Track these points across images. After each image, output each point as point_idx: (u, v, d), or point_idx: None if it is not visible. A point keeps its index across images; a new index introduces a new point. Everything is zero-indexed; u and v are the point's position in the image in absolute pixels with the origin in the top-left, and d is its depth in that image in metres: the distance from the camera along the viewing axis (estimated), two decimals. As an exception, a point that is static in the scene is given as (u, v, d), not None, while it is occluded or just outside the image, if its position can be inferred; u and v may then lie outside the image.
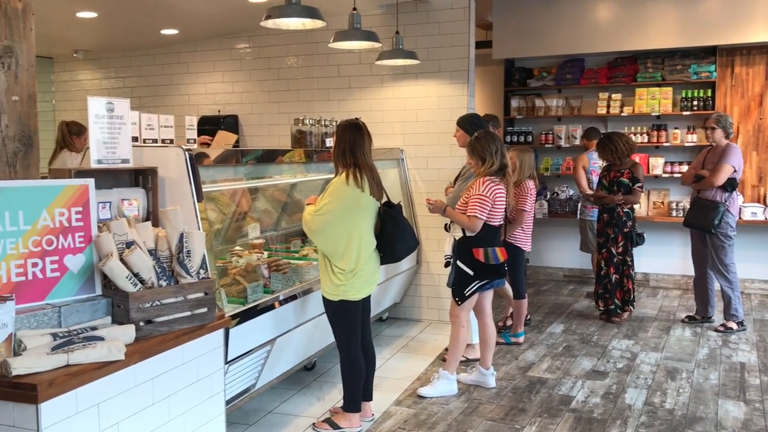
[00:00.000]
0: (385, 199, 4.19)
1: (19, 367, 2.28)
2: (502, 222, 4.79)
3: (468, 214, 4.53)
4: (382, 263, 4.20)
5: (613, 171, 6.63)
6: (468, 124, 5.39)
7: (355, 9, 5.22)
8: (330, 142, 5.35)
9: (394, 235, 4.09)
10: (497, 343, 5.40)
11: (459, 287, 4.68)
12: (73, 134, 6.05)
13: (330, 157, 4.14)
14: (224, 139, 5.59)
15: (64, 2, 6.03)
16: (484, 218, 4.53)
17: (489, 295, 4.92)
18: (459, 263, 4.65)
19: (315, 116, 5.69)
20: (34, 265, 2.68)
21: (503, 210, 4.72)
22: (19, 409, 2.25)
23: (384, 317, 6.72)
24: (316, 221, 3.90)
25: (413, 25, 6.71)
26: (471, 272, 4.61)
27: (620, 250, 6.61)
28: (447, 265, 4.84)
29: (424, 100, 6.77)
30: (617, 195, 6.52)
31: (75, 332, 2.56)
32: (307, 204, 4.11)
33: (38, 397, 2.22)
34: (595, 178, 7.51)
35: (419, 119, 6.80)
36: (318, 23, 4.41)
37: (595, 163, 7.60)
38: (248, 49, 7.61)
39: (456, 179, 5.46)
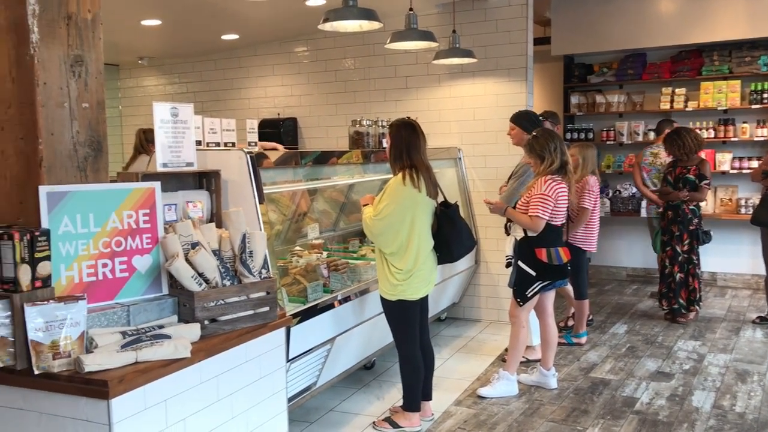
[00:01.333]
0: (441, 199, 4.18)
1: (91, 363, 2.37)
2: (564, 221, 4.72)
3: (530, 214, 4.48)
4: (439, 263, 4.19)
5: (679, 167, 6.45)
6: (523, 120, 5.33)
7: (411, 9, 5.23)
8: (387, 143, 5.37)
9: (451, 235, 4.08)
10: (559, 344, 5.32)
11: (520, 288, 4.63)
12: (149, 141, 6.28)
13: (386, 157, 4.15)
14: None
15: (129, 11, 6.24)
16: (546, 218, 4.47)
17: (551, 296, 4.86)
18: (521, 264, 4.60)
19: (372, 117, 5.73)
20: (104, 265, 2.79)
21: (566, 209, 4.65)
22: (92, 405, 2.34)
23: (442, 317, 6.70)
24: (378, 225, 3.92)
25: (470, 24, 6.68)
26: (533, 273, 4.56)
27: (686, 248, 6.43)
28: (508, 265, 4.79)
29: (481, 99, 6.73)
30: (682, 191, 6.33)
31: (143, 330, 2.64)
32: (363, 205, 4.13)
33: (109, 393, 2.30)
34: (645, 174, 7.32)
35: (477, 118, 6.76)
36: (375, 25, 4.43)
37: (646, 159, 7.40)
38: (306, 52, 7.70)
39: (510, 177, 5.40)
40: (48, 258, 2.51)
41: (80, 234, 2.71)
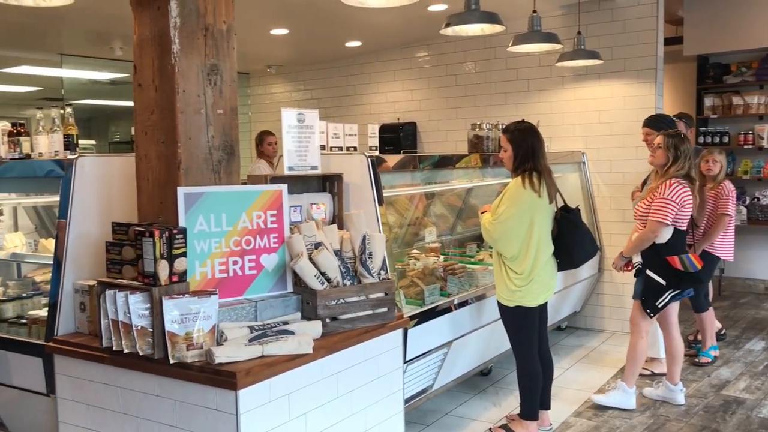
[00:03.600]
0: (561, 203, 4.09)
1: (221, 355, 2.50)
2: (687, 229, 4.47)
3: (652, 218, 4.28)
4: (559, 269, 4.10)
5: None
6: (660, 123, 5.11)
7: (535, 11, 5.15)
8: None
9: (572, 241, 3.98)
10: (689, 357, 5.05)
11: (650, 299, 4.42)
12: (259, 143, 6.90)
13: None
14: None
15: (259, 21, 6.53)
16: (669, 223, 4.26)
17: (675, 307, 4.63)
18: (649, 273, 4.40)
19: (492, 121, 5.68)
20: (235, 263, 2.94)
21: (690, 216, 4.41)
22: (221, 395, 2.48)
23: (563, 326, 6.53)
24: (497, 229, 3.88)
25: (596, 24, 6.48)
26: (663, 282, 4.35)
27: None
28: (637, 273, 4.56)
29: (607, 101, 6.51)
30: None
31: (269, 326, 2.76)
32: (482, 213, 4.10)
33: (237, 384, 2.42)
34: None
35: (602, 121, 6.54)
36: (497, 28, 4.40)
37: None
38: (427, 57, 7.75)
39: (644, 183, 5.18)
40: (184, 254, 2.68)
41: (213, 233, 2.88)
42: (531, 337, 4.03)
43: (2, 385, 3.38)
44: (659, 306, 4.40)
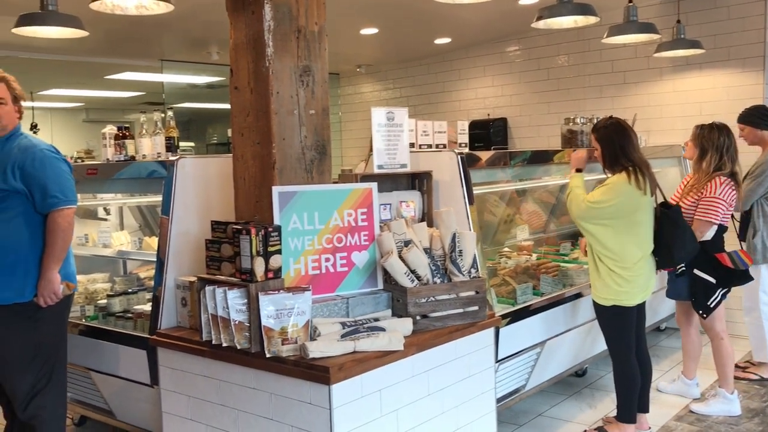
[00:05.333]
0: (661, 199, 3.93)
1: (315, 350, 2.55)
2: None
3: (701, 218, 4.20)
4: (658, 268, 3.94)
5: None
6: (753, 116, 4.83)
7: (631, 1, 4.97)
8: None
9: (673, 238, 3.82)
10: None
11: (701, 299, 4.28)
12: None
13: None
14: None
15: (349, 21, 6.61)
16: (719, 222, 4.21)
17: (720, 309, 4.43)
18: (697, 272, 4.24)
19: (586, 115, 5.52)
20: (327, 260, 3.00)
21: (731, 215, 4.39)
22: (315, 389, 2.53)
23: (662, 327, 6.28)
24: (589, 211, 3.71)
25: (697, 12, 6.19)
26: (713, 280, 4.19)
27: None
28: (681, 273, 4.34)
29: (709, 92, 6.21)
30: None
31: (360, 322, 2.80)
32: (576, 169, 3.96)
33: (330, 379, 2.47)
34: None
35: (704, 113, 6.24)
36: (591, 19, 4.28)
37: None
38: (518, 51, 7.63)
39: (745, 176, 4.91)
40: (279, 252, 2.76)
41: (306, 230, 2.94)
42: (628, 338, 3.90)
43: (111, 375, 3.58)
44: (711, 306, 4.27)
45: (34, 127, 10.66)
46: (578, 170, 3.99)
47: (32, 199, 3.12)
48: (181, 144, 3.96)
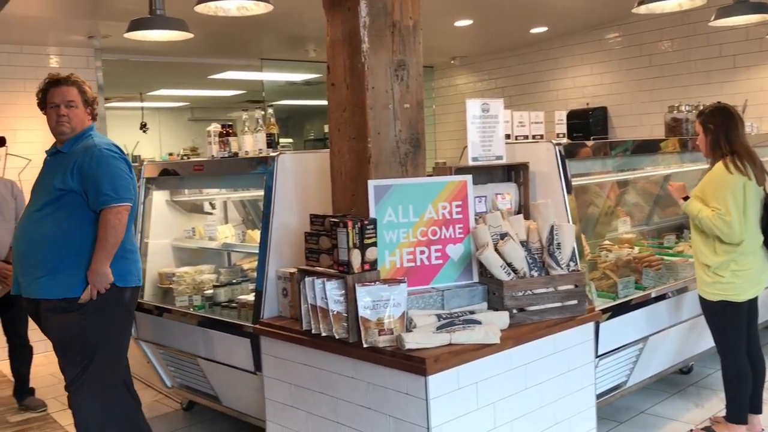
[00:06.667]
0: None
1: (411, 341, 2.58)
2: None
3: None
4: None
5: None
6: None
7: (740, -20, 4.71)
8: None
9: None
10: None
11: None
12: None
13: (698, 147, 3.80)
14: None
15: (444, 13, 6.59)
16: None
17: None
18: None
19: (692, 102, 5.29)
20: (422, 252, 3.02)
21: None
22: (411, 380, 2.56)
23: (776, 324, 5.94)
24: (734, 226, 3.51)
25: (815, -12, 5.79)
26: None
27: None
28: None
29: (829, 74, 5.81)
30: None
31: (456, 315, 2.80)
32: (683, 198, 3.78)
33: (426, 370, 2.49)
34: None
35: (824, 97, 5.85)
36: (697, 2, 4.10)
37: None
38: (618, 37, 7.39)
39: None
40: (375, 244, 2.80)
41: (401, 223, 2.98)
42: (738, 335, 3.71)
43: (216, 362, 3.75)
44: None
45: (143, 127, 11.26)
46: (685, 198, 3.77)
47: (86, 198, 3.17)
48: (280, 140, 4.08)
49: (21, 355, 4.71)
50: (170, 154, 11.07)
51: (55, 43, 6.36)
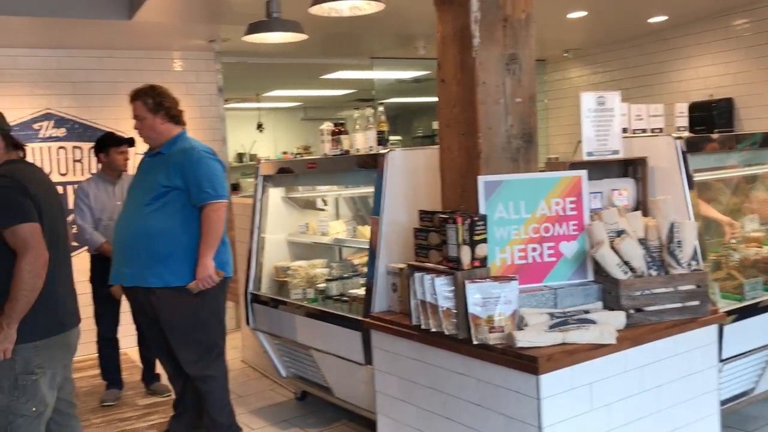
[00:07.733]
0: None
1: (522, 339, 2.55)
2: None
3: None
4: None
5: None
6: None
7: None
8: None
9: None
10: None
11: None
12: None
13: None
14: None
15: (557, 6, 6.43)
16: None
17: None
18: None
19: (831, 91, 4.90)
20: (533, 250, 2.97)
21: None
22: (522, 378, 2.52)
23: None
24: None
25: None
26: None
27: None
28: None
29: None
30: None
31: (569, 314, 2.74)
32: None
33: (539, 369, 2.45)
34: None
35: None
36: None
37: None
38: (746, 24, 6.94)
39: None
40: (485, 241, 2.78)
41: (512, 219, 2.94)
42: None
43: (329, 354, 3.84)
44: None
45: (259, 127, 11.68)
46: None
47: (189, 194, 3.48)
48: (390, 138, 4.13)
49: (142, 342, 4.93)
50: (284, 153, 11.46)
51: (179, 48, 6.71)
